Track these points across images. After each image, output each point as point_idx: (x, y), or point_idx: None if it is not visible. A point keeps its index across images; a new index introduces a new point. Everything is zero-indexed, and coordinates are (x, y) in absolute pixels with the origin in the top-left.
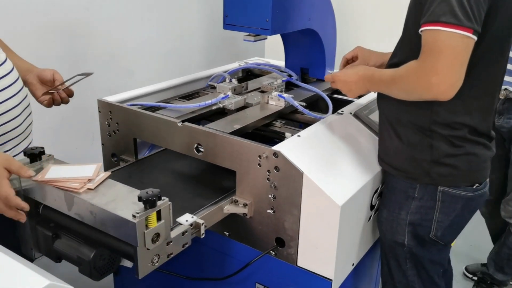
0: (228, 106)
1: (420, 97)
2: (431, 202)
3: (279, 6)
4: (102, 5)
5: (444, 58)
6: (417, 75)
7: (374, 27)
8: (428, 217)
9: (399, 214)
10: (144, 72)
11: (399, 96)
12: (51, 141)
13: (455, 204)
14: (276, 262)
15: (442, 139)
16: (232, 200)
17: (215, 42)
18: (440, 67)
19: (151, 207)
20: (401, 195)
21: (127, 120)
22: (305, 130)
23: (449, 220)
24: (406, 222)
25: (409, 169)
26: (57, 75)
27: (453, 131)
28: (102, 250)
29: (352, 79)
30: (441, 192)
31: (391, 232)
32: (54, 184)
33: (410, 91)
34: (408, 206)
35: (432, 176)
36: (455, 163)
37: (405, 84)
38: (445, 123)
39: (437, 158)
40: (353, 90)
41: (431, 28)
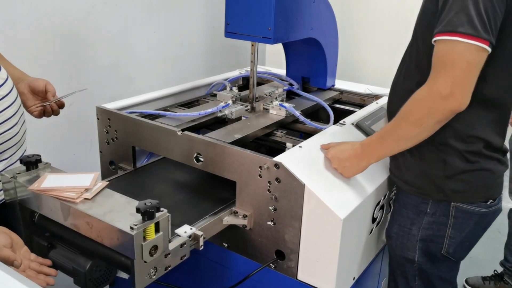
0: (228, 115)
1: (435, 120)
2: (443, 218)
3: (281, 15)
4: (103, 12)
5: (459, 69)
6: (428, 95)
7: (376, 37)
8: (440, 233)
9: (410, 229)
10: (144, 79)
11: (408, 135)
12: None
13: (468, 220)
14: (275, 275)
15: (456, 154)
16: (231, 211)
17: (216, 50)
18: (455, 78)
19: (149, 218)
20: (413, 210)
21: (126, 127)
22: (306, 141)
23: (462, 237)
24: (417, 238)
25: (421, 184)
26: (50, 86)
27: (468, 146)
28: (98, 261)
29: (345, 155)
30: (454, 208)
31: (401, 248)
32: (50, 193)
33: (423, 120)
34: (419, 222)
35: (445, 192)
36: (469, 179)
37: (415, 115)
38: (460, 137)
39: (451, 174)
40: (348, 167)
41: (447, 38)
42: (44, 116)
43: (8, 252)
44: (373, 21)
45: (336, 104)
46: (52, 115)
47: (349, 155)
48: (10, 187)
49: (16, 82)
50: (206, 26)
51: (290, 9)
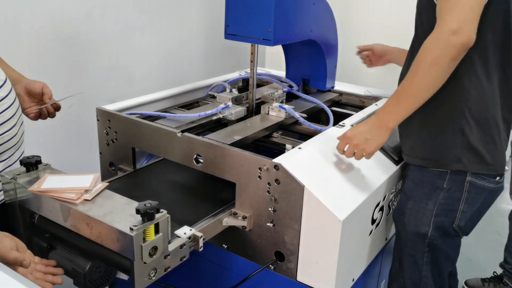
0: (228, 116)
1: (450, 57)
2: (458, 193)
3: (281, 16)
4: (103, 14)
5: (462, 6)
6: (437, 36)
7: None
8: (454, 207)
9: (427, 204)
10: (144, 80)
11: (427, 82)
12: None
13: (479, 196)
14: (275, 277)
15: (473, 122)
16: (231, 212)
17: (216, 52)
18: (459, 14)
19: (149, 220)
20: (429, 186)
21: (126, 129)
22: (306, 143)
23: (472, 211)
24: (433, 213)
25: (439, 157)
26: (46, 89)
27: (484, 113)
28: (97, 262)
29: (365, 127)
30: (468, 183)
31: (415, 223)
32: (50, 194)
33: (437, 59)
34: (436, 197)
35: (463, 162)
36: (483, 149)
37: (429, 58)
38: (476, 106)
39: (468, 143)
40: (370, 138)
41: None
42: (40, 119)
43: (17, 253)
44: (373, 22)
45: (335, 106)
46: (48, 117)
47: (368, 127)
48: (10, 188)
49: (13, 83)
50: (206, 28)
51: (290, 11)
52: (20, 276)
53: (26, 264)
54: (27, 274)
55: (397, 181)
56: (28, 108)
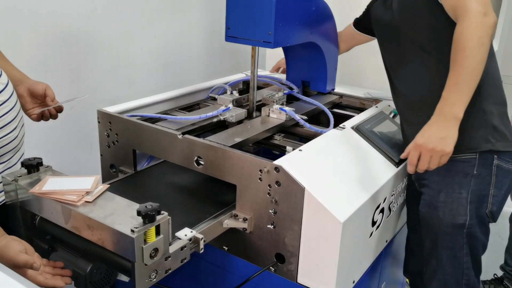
0: (229, 118)
1: (488, 30)
2: (488, 177)
3: (282, 19)
4: (104, 16)
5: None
6: (473, 15)
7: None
8: (486, 192)
9: (460, 193)
10: (145, 83)
11: (478, 55)
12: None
13: (506, 179)
14: (275, 279)
15: (491, 100)
16: (232, 214)
17: (216, 54)
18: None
19: (150, 221)
20: (459, 175)
21: (126, 131)
22: (306, 145)
23: (502, 195)
24: (468, 200)
25: (468, 141)
26: (49, 91)
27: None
28: (98, 264)
29: (433, 128)
30: (495, 167)
31: (451, 214)
32: (51, 196)
33: (482, 34)
34: (468, 184)
35: (491, 141)
36: (503, 126)
37: (475, 35)
38: (490, 84)
39: (491, 122)
40: (443, 137)
41: None
42: (42, 120)
43: (27, 256)
44: None
45: (336, 108)
46: (50, 119)
47: (438, 127)
48: (11, 190)
49: (15, 84)
50: (207, 30)
51: (290, 13)
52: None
53: (36, 266)
54: (36, 276)
55: (397, 183)
56: (30, 109)
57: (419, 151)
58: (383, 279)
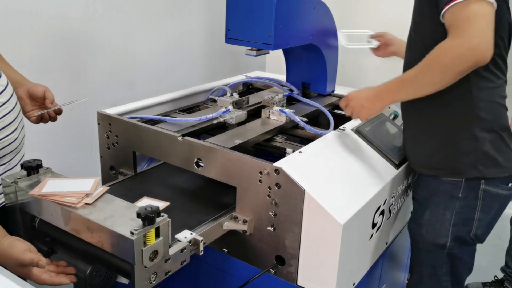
0: (229, 120)
1: (460, 69)
2: (474, 201)
3: (282, 21)
4: (104, 18)
5: (480, 21)
6: (456, 45)
7: None
8: (470, 216)
9: (444, 215)
10: (145, 84)
11: (430, 82)
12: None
13: (494, 203)
14: (275, 281)
15: (485, 127)
16: (231, 216)
17: (216, 56)
18: (478, 29)
19: (149, 224)
20: (445, 196)
21: (126, 133)
22: (306, 147)
23: (488, 219)
24: (451, 223)
25: (454, 165)
26: (48, 93)
27: (494, 118)
28: (98, 266)
29: (365, 94)
30: (482, 191)
31: (433, 234)
32: (51, 198)
33: (448, 67)
34: (453, 207)
35: (478, 168)
36: (496, 152)
37: (441, 62)
38: (486, 111)
39: (482, 149)
40: (366, 106)
41: (457, 1)
42: (41, 122)
43: (32, 254)
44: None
45: (336, 109)
46: (50, 121)
47: (367, 95)
48: (10, 192)
49: (15, 86)
50: (207, 32)
51: (290, 15)
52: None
53: (42, 264)
54: (41, 274)
55: (397, 185)
56: (29, 112)
57: (346, 102)
58: (383, 281)
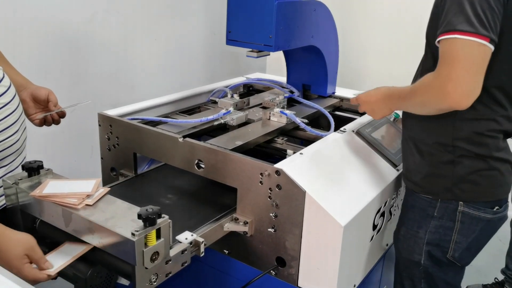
0: (229, 121)
1: (437, 108)
2: (450, 222)
3: (282, 23)
4: (105, 19)
5: (460, 65)
6: (433, 84)
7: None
8: (446, 237)
9: (417, 232)
10: (146, 86)
11: (416, 110)
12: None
13: (474, 226)
14: (276, 282)
15: (465, 154)
16: (232, 217)
17: (217, 57)
18: (455, 74)
19: (150, 225)
20: (421, 213)
21: (127, 134)
22: (307, 148)
23: (467, 242)
24: (424, 242)
25: (430, 185)
26: (52, 96)
27: (477, 147)
28: (98, 267)
29: (373, 99)
30: (460, 213)
31: (408, 250)
32: (52, 199)
33: (426, 103)
34: (427, 225)
35: (454, 191)
36: (477, 178)
37: (421, 96)
38: (468, 139)
39: (459, 174)
40: (376, 110)
41: (447, 37)
42: (44, 125)
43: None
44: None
45: (336, 111)
46: (53, 124)
47: (376, 99)
48: (11, 193)
49: (19, 89)
50: (207, 34)
51: (291, 17)
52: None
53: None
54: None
55: (398, 187)
56: (33, 114)
57: (358, 102)
58: (384, 283)
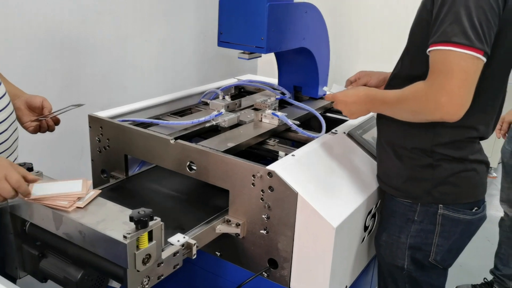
0: (221, 123)
1: (427, 118)
2: (431, 226)
3: (274, 25)
4: (97, 21)
5: (455, 78)
6: (426, 95)
7: (367, 47)
8: (428, 241)
9: (399, 237)
10: (137, 87)
11: (403, 117)
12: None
13: (455, 228)
14: (268, 284)
15: (443, 158)
16: (224, 219)
17: (208, 59)
18: (450, 88)
19: (142, 227)
20: (401, 218)
21: (118, 136)
22: (299, 150)
23: (449, 244)
24: (406, 246)
25: (410, 189)
26: (46, 103)
27: (455, 151)
28: (89, 270)
29: (351, 100)
30: (441, 216)
31: (391, 256)
32: (43, 202)
33: (417, 112)
34: (408, 230)
35: (433, 195)
36: (455, 181)
37: (412, 105)
38: (447, 143)
39: (439, 177)
40: (353, 111)
41: (441, 48)
42: (39, 132)
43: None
44: (364, 31)
45: (327, 113)
46: (48, 131)
47: (354, 100)
48: None
49: (13, 98)
50: (199, 35)
51: (282, 19)
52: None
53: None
54: None
55: None
56: (27, 122)
57: (334, 99)
58: (376, 283)
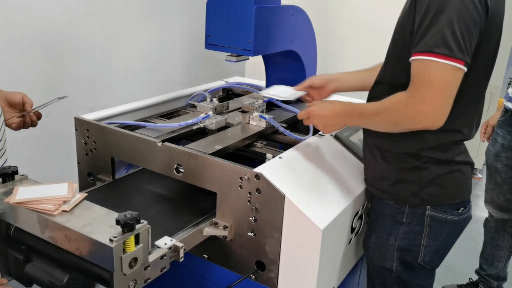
0: (209, 126)
1: (408, 128)
2: (419, 227)
3: (261, 27)
4: (83, 23)
5: (435, 89)
6: (406, 105)
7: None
8: (416, 242)
9: (388, 239)
10: (124, 90)
11: (383, 128)
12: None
13: (442, 229)
14: (256, 286)
15: (430, 160)
16: (212, 222)
17: (196, 61)
18: (430, 98)
19: (129, 230)
20: (390, 220)
21: (104, 138)
22: (286, 152)
23: (436, 245)
24: (395, 248)
25: (398, 191)
26: (27, 98)
27: (441, 154)
28: (75, 274)
29: (327, 114)
30: (428, 217)
31: (380, 258)
32: (28, 206)
33: (397, 122)
34: (396, 232)
35: (421, 196)
36: (442, 182)
37: (392, 116)
38: (433, 147)
39: (426, 179)
40: (329, 125)
41: (423, 58)
42: (23, 128)
43: None
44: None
45: None
46: (31, 126)
47: (330, 114)
48: None
49: None
50: (186, 37)
51: (270, 22)
52: None
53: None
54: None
55: None
56: (9, 119)
57: (308, 116)
58: (363, 284)
